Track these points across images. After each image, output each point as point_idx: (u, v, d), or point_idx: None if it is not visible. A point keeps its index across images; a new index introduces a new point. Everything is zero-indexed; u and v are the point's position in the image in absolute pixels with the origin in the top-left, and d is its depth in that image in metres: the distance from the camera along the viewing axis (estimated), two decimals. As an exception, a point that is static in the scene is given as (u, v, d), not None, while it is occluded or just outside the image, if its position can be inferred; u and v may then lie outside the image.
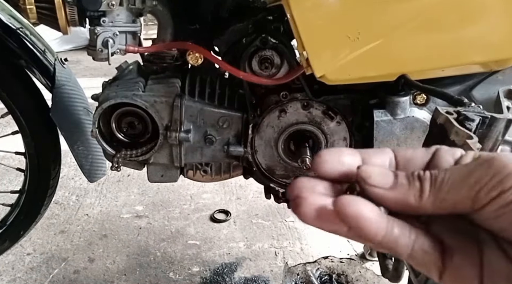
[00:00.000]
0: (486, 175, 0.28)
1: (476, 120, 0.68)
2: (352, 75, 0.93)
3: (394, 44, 0.91)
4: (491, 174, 0.28)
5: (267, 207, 1.91)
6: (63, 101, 1.21)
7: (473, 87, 1.01)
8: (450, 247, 0.30)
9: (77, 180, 2.09)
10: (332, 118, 1.05)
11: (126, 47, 1.01)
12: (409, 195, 0.30)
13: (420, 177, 0.30)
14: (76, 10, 0.97)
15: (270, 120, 1.06)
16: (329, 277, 1.42)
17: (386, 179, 0.30)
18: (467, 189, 0.28)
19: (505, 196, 0.27)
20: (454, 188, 0.29)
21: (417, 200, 0.30)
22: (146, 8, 1.01)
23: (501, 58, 0.95)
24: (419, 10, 0.88)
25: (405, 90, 0.97)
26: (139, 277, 1.52)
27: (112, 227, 1.78)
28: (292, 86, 1.04)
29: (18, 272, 1.53)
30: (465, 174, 0.29)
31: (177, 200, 1.97)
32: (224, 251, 1.65)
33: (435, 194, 0.29)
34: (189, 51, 1.02)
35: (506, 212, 0.27)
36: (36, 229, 1.66)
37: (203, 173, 1.13)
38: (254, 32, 1.01)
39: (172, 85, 1.04)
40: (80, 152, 1.24)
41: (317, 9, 0.88)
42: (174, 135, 1.02)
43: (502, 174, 0.28)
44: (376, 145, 0.99)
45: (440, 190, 0.29)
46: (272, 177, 1.14)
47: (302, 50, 0.90)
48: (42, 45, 1.22)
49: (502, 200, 0.27)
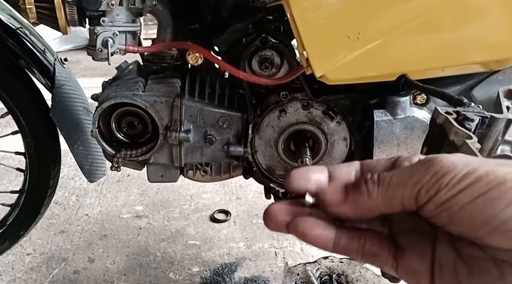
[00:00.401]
0: (426, 174, 0.30)
1: (476, 120, 0.68)
2: (352, 75, 0.93)
3: (394, 44, 0.91)
4: (431, 173, 0.30)
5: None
6: (63, 101, 1.21)
7: (473, 87, 1.01)
8: (403, 245, 0.33)
9: (77, 180, 2.09)
10: (332, 118, 1.05)
11: (126, 47, 1.01)
12: (359, 201, 0.33)
13: (366, 180, 0.33)
14: (76, 10, 0.97)
15: (270, 120, 1.06)
16: (329, 277, 1.42)
17: (336, 196, 0.33)
18: (410, 187, 0.30)
19: (441, 194, 0.29)
20: (399, 187, 0.31)
21: (367, 202, 0.32)
22: (146, 8, 1.01)
23: (501, 58, 0.95)
24: (419, 10, 0.88)
25: (405, 90, 0.97)
26: (139, 277, 1.52)
27: (112, 227, 1.78)
28: (292, 86, 1.04)
29: (18, 272, 1.53)
30: (409, 173, 0.31)
31: (177, 200, 1.97)
32: (224, 251, 1.65)
33: (383, 193, 0.32)
34: (189, 51, 1.02)
35: (444, 210, 0.29)
36: (36, 229, 1.66)
37: (203, 173, 1.13)
38: (254, 32, 1.01)
39: (172, 85, 1.04)
40: (80, 152, 1.24)
41: (317, 9, 0.88)
42: (174, 135, 1.02)
43: (439, 174, 0.30)
44: (376, 144, 0.99)
45: (387, 189, 0.32)
46: (272, 177, 1.14)
47: (302, 50, 0.90)
48: (42, 45, 1.22)
49: (438, 198, 0.29)
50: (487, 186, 0.28)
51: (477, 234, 0.28)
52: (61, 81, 1.20)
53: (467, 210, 0.28)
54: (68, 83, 1.22)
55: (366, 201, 0.32)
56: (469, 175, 0.29)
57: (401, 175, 0.32)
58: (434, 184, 0.29)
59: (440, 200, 0.29)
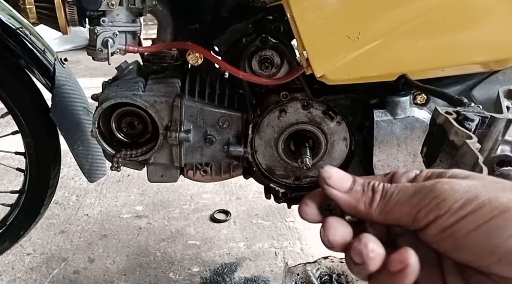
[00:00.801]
0: (426, 197, 0.30)
1: (476, 120, 0.68)
2: (352, 75, 0.93)
3: (394, 44, 0.91)
4: (431, 197, 0.30)
5: (267, 207, 1.91)
6: (63, 101, 1.21)
7: (473, 87, 1.01)
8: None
9: (77, 180, 2.09)
10: (332, 118, 1.05)
11: (126, 47, 1.01)
12: (360, 202, 0.33)
13: (374, 187, 0.33)
14: (76, 10, 0.97)
15: (270, 120, 1.06)
16: (329, 277, 1.42)
17: (344, 183, 0.34)
18: (410, 207, 0.31)
19: (441, 220, 0.29)
20: (399, 205, 0.31)
21: (366, 207, 0.33)
22: (146, 8, 1.00)
23: (501, 58, 0.95)
24: (419, 10, 0.88)
25: (405, 90, 0.97)
26: (139, 277, 1.52)
27: (112, 227, 1.78)
28: (292, 86, 1.04)
29: (18, 272, 1.53)
30: (411, 193, 0.31)
31: (177, 200, 1.97)
32: (224, 251, 1.65)
33: (382, 206, 0.32)
34: (189, 51, 1.02)
35: (445, 237, 0.29)
36: (36, 229, 1.66)
37: (203, 173, 1.13)
38: (254, 32, 1.01)
39: (172, 85, 1.04)
40: (80, 152, 1.24)
41: (317, 9, 0.88)
42: (174, 135, 1.02)
43: (439, 199, 0.30)
44: (376, 144, 0.99)
45: (388, 203, 0.32)
46: (272, 177, 1.14)
47: (302, 50, 0.90)
48: (42, 45, 1.22)
49: (439, 224, 0.29)
50: (491, 213, 0.28)
51: (483, 262, 0.28)
52: (61, 81, 1.20)
53: (472, 237, 0.28)
54: (68, 83, 1.22)
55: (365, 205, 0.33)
56: (471, 201, 0.29)
57: (402, 193, 0.32)
58: (433, 208, 0.30)
59: (443, 225, 0.29)
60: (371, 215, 0.33)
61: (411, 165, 1.03)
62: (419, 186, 0.32)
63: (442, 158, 0.65)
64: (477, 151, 0.58)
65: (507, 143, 0.87)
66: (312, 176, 1.13)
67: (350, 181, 0.34)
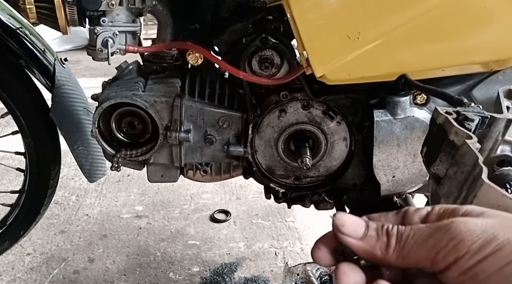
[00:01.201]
0: (443, 239, 0.30)
1: (476, 120, 0.68)
2: (352, 75, 0.93)
3: (394, 44, 0.91)
4: (448, 238, 0.30)
5: (267, 207, 1.91)
6: (63, 101, 1.21)
7: (473, 87, 1.01)
8: None
9: (77, 180, 2.09)
10: (332, 118, 1.05)
11: (126, 47, 1.01)
12: (376, 248, 0.33)
13: (388, 231, 0.33)
14: (76, 10, 0.97)
15: (270, 120, 1.06)
16: (329, 277, 1.42)
17: (358, 229, 0.34)
18: (427, 250, 0.31)
19: (461, 262, 0.29)
20: (416, 248, 0.31)
21: (383, 253, 0.33)
22: (146, 8, 1.00)
23: (501, 58, 0.95)
24: (419, 10, 0.88)
25: (405, 90, 0.97)
26: (139, 277, 1.52)
27: (112, 227, 1.78)
28: (292, 86, 1.04)
29: (18, 272, 1.53)
30: (426, 235, 0.31)
31: (177, 200, 1.97)
32: (224, 251, 1.65)
33: (399, 250, 0.32)
34: (189, 51, 1.02)
35: (467, 279, 0.29)
36: (36, 229, 1.66)
37: (203, 173, 1.13)
38: (254, 32, 1.01)
39: (172, 85, 1.04)
40: (80, 152, 1.24)
41: (317, 9, 0.88)
42: (174, 135, 1.02)
43: (456, 240, 0.29)
44: (376, 144, 0.99)
45: (404, 247, 0.32)
46: (272, 177, 1.14)
47: (302, 50, 0.90)
48: (42, 45, 1.22)
49: (459, 266, 0.29)
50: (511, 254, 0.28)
51: None
52: (61, 81, 1.20)
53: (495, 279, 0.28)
54: (68, 83, 1.22)
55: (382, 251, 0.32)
56: (490, 242, 0.29)
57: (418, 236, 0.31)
58: (452, 250, 0.29)
59: (464, 266, 0.29)
60: (388, 260, 0.32)
61: (411, 165, 1.03)
62: (434, 226, 0.31)
63: (442, 158, 0.65)
64: (477, 151, 0.58)
65: (507, 143, 0.87)
66: (312, 176, 1.13)
67: (364, 226, 0.34)
